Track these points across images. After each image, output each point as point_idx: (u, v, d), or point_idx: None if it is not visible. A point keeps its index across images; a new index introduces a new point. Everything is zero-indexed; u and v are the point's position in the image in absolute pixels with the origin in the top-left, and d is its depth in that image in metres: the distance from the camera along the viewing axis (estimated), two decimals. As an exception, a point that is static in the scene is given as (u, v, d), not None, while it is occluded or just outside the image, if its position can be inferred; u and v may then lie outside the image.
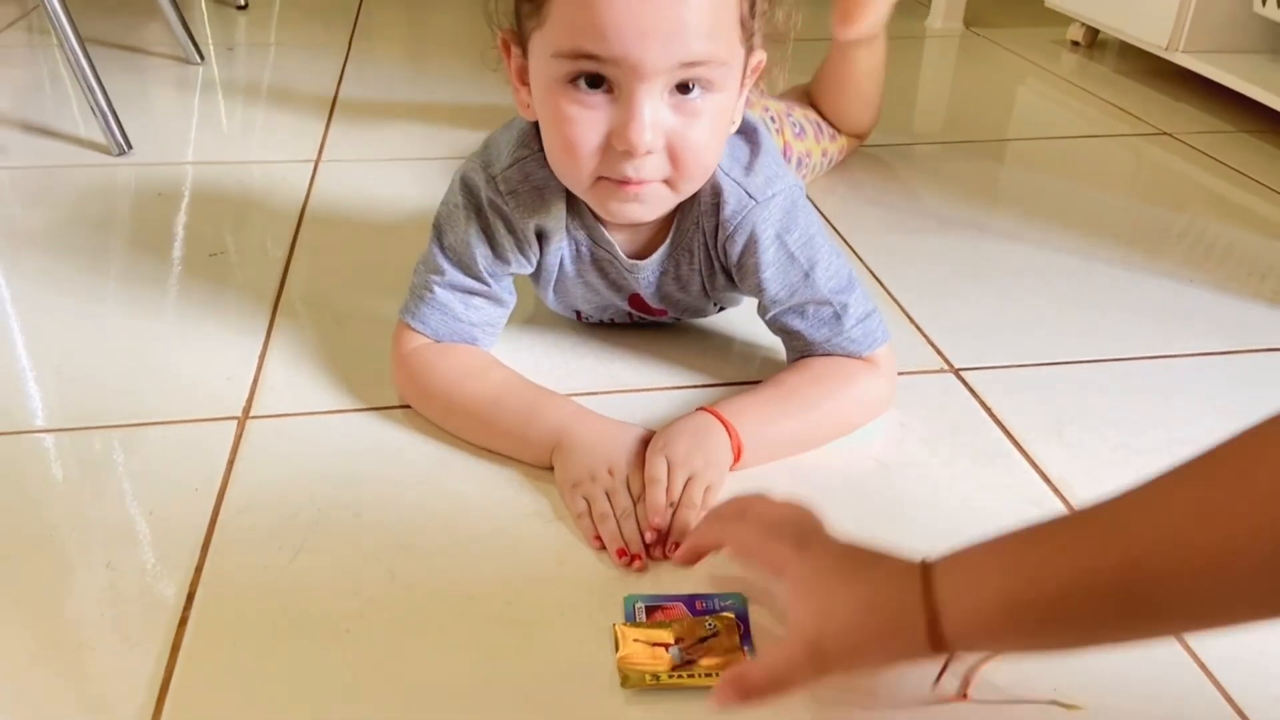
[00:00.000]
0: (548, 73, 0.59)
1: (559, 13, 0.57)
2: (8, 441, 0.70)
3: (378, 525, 0.62)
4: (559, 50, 0.58)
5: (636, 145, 0.58)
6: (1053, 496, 0.66)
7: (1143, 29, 1.43)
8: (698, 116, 0.60)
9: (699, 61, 0.58)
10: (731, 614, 0.56)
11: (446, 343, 0.72)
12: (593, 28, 0.56)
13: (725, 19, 0.58)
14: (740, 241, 0.69)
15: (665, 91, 0.59)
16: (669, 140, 0.60)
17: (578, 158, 0.60)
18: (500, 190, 0.68)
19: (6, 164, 1.13)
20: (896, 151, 1.23)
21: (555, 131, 0.61)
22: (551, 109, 0.60)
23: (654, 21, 0.55)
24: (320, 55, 1.53)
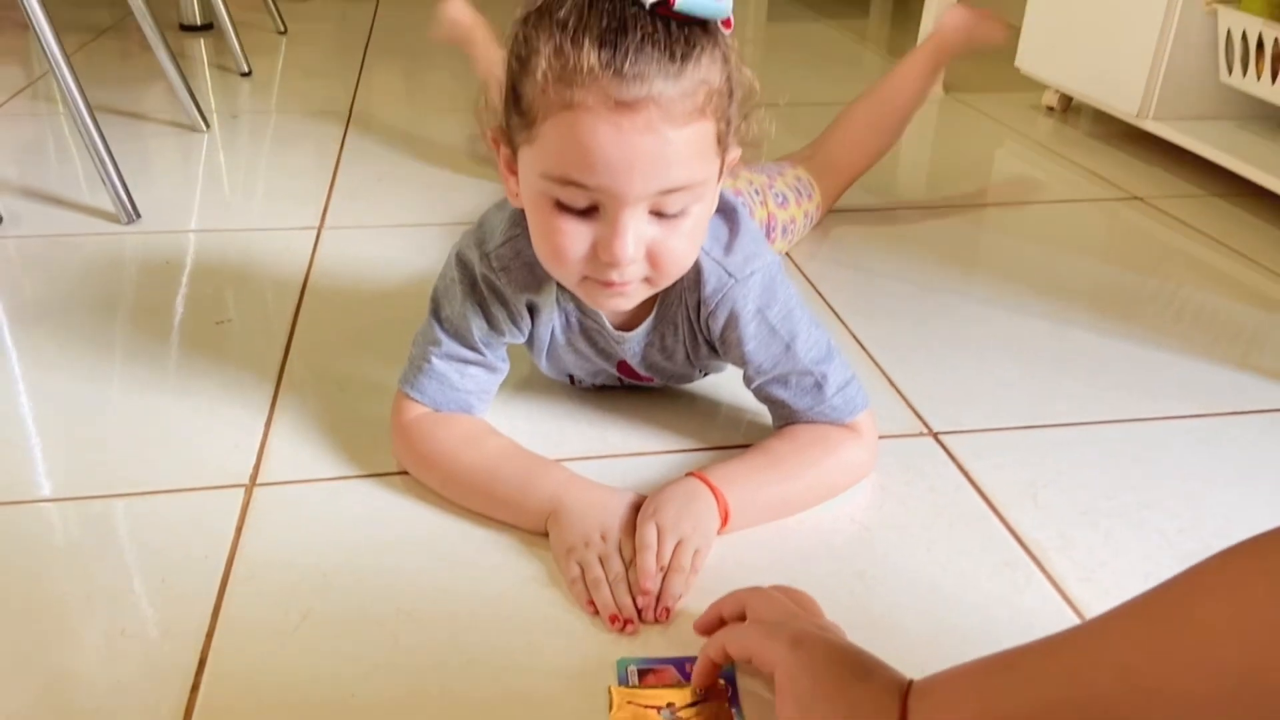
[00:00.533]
0: (537, 186, 0.63)
1: (548, 139, 0.61)
2: (17, 511, 0.72)
3: (381, 591, 0.65)
4: (547, 173, 0.62)
5: (619, 260, 0.62)
6: (1026, 559, 0.69)
7: (1114, 97, 1.49)
8: (677, 228, 0.64)
9: (677, 188, 0.62)
10: (721, 679, 0.58)
11: (444, 411, 0.76)
12: (579, 161, 0.60)
13: (703, 146, 0.62)
14: (722, 317, 0.73)
15: (647, 210, 0.63)
16: (649, 248, 0.64)
17: (565, 264, 0.65)
18: (494, 266, 0.72)
19: (15, 233, 1.17)
20: (879, 215, 1.28)
21: (543, 238, 0.65)
22: (540, 218, 0.64)
23: (636, 157, 0.59)
24: (322, 122, 1.58)
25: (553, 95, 0.59)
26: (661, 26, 0.58)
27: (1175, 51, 1.39)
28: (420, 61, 2.00)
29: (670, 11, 0.58)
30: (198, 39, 2.06)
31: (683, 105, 0.59)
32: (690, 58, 0.59)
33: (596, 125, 0.58)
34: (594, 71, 0.57)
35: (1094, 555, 0.70)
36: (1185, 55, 1.40)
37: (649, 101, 0.58)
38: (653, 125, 0.58)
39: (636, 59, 0.57)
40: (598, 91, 0.58)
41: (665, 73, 0.58)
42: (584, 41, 0.58)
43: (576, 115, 0.58)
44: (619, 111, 0.58)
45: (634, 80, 0.57)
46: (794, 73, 1.96)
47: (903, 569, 0.68)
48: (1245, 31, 1.31)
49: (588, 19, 0.58)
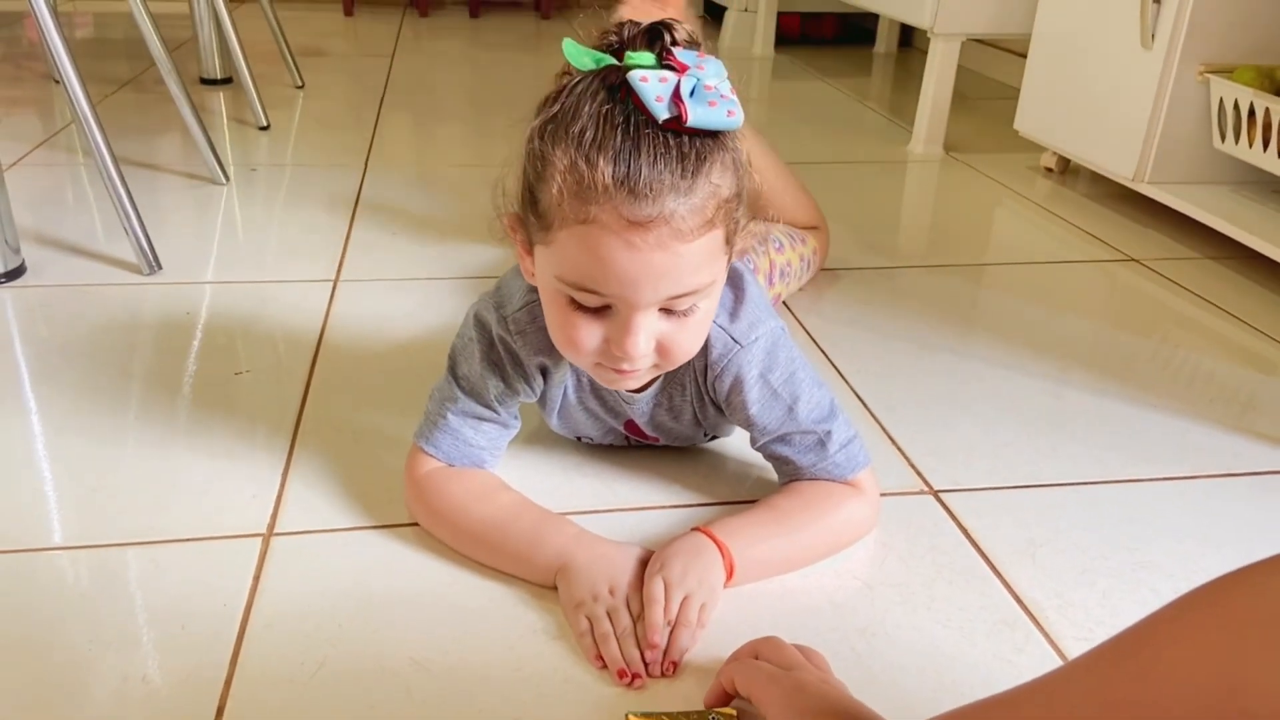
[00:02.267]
0: (552, 284, 0.66)
1: (564, 247, 0.63)
2: (37, 559, 0.74)
3: (394, 641, 0.67)
4: (563, 277, 0.64)
5: (632, 356, 0.65)
6: (1025, 618, 0.71)
7: (1110, 160, 1.53)
8: (686, 323, 0.67)
9: (687, 293, 0.64)
10: (732, 709, 0.61)
11: (456, 466, 0.78)
12: (594, 273, 0.62)
13: (711, 251, 0.65)
14: (727, 381, 0.75)
15: (657, 308, 0.65)
16: (659, 341, 0.67)
17: (579, 354, 0.68)
18: (510, 330, 0.75)
19: (39, 282, 1.20)
20: (881, 274, 1.31)
21: (558, 328, 0.68)
22: (555, 311, 0.67)
23: (649, 271, 0.62)
24: (338, 174, 1.62)
25: (569, 209, 0.61)
26: (674, 141, 0.60)
27: (1170, 118, 1.43)
28: (434, 115, 2.05)
29: (682, 127, 0.60)
30: (217, 92, 2.11)
31: (694, 220, 0.61)
32: (701, 172, 0.61)
33: (611, 242, 0.60)
34: (609, 189, 0.59)
35: (1091, 614, 0.71)
36: (1179, 121, 1.44)
37: (661, 220, 0.60)
38: (664, 242, 0.61)
39: (650, 177, 0.59)
40: (612, 210, 0.60)
41: (677, 189, 0.60)
42: (598, 159, 0.59)
43: (591, 231, 0.61)
44: (633, 230, 0.60)
45: (647, 199, 0.59)
46: (797, 131, 2.01)
47: (904, 626, 0.70)
48: (1237, 100, 1.35)
49: (602, 134, 0.60)
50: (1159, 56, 1.41)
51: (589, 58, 0.64)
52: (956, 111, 1.89)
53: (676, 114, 0.60)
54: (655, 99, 0.60)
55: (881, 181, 1.74)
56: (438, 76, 2.42)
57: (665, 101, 0.60)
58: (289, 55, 2.20)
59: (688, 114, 0.60)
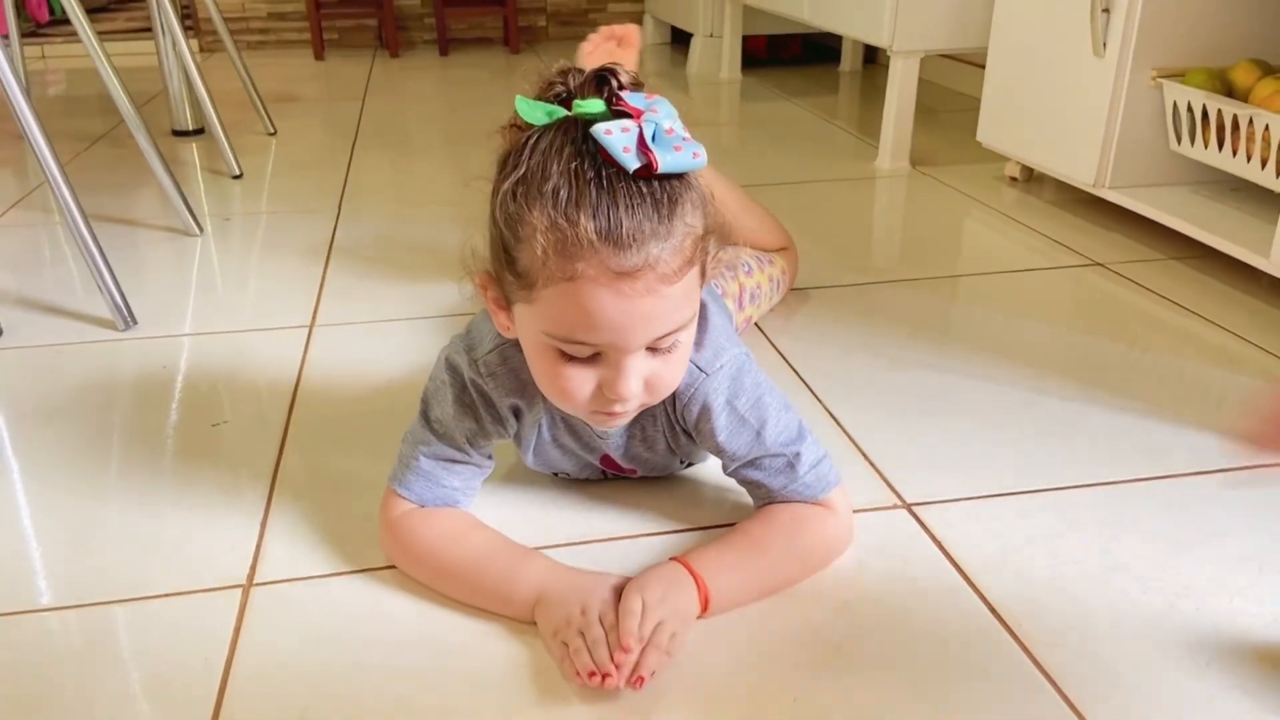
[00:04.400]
0: (539, 339, 0.67)
1: (550, 304, 0.64)
2: (18, 621, 0.75)
3: (376, 684, 0.67)
4: (551, 333, 0.66)
5: (625, 397, 0.67)
6: (999, 627, 0.72)
7: (1071, 167, 1.55)
8: (670, 360, 0.69)
9: (672, 331, 0.67)
10: None
11: (430, 507, 0.79)
12: (584, 325, 0.64)
13: (691, 288, 0.67)
14: (695, 410, 0.77)
15: (644, 349, 0.67)
16: (648, 380, 0.69)
17: (571, 400, 0.69)
18: (481, 372, 0.76)
19: (15, 344, 1.20)
20: (851, 290, 1.32)
21: (549, 381, 0.69)
22: (544, 365, 0.68)
23: (638, 317, 0.64)
24: (312, 220, 1.63)
25: (554, 268, 0.62)
26: (647, 189, 0.62)
27: (1126, 123, 1.46)
28: (407, 154, 2.07)
29: (652, 174, 0.62)
30: (190, 143, 2.12)
31: (675, 261, 0.63)
32: (675, 214, 0.63)
33: (600, 295, 0.62)
34: (593, 244, 0.61)
35: (1064, 620, 0.72)
36: (1135, 126, 1.46)
37: (647, 268, 0.62)
38: (652, 287, 0.63)
39: (631, 227, 0.61)
40: (598, 264, 0.61)
41: (657, 235, 0.62)
42: (579, 217, 0.61)
43: (579, 286, 0.62)
44: (620, 280, 0.62)
45: (631, 249, 0.61)
46: (767, 152, 2.03)
47: (880, 641, 0.71)
48: (1190, 103, 1.38)
49: (577, 192, 0.61)
50: (1111, 64, 1.44)
51: (541, 111, 0.65)
52: (921, 125, 1.92)
53: (646, 163, 0.61)
54: (623, 150, 0.61)
55: (850, 198, 1.76)
56: (410, 115, 2.44)
57: (633, 152, 0.61)
58: (259, 102, 2.22)
59: (657, 162, 0.61)
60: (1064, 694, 0.66)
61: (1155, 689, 0.66)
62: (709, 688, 0.67)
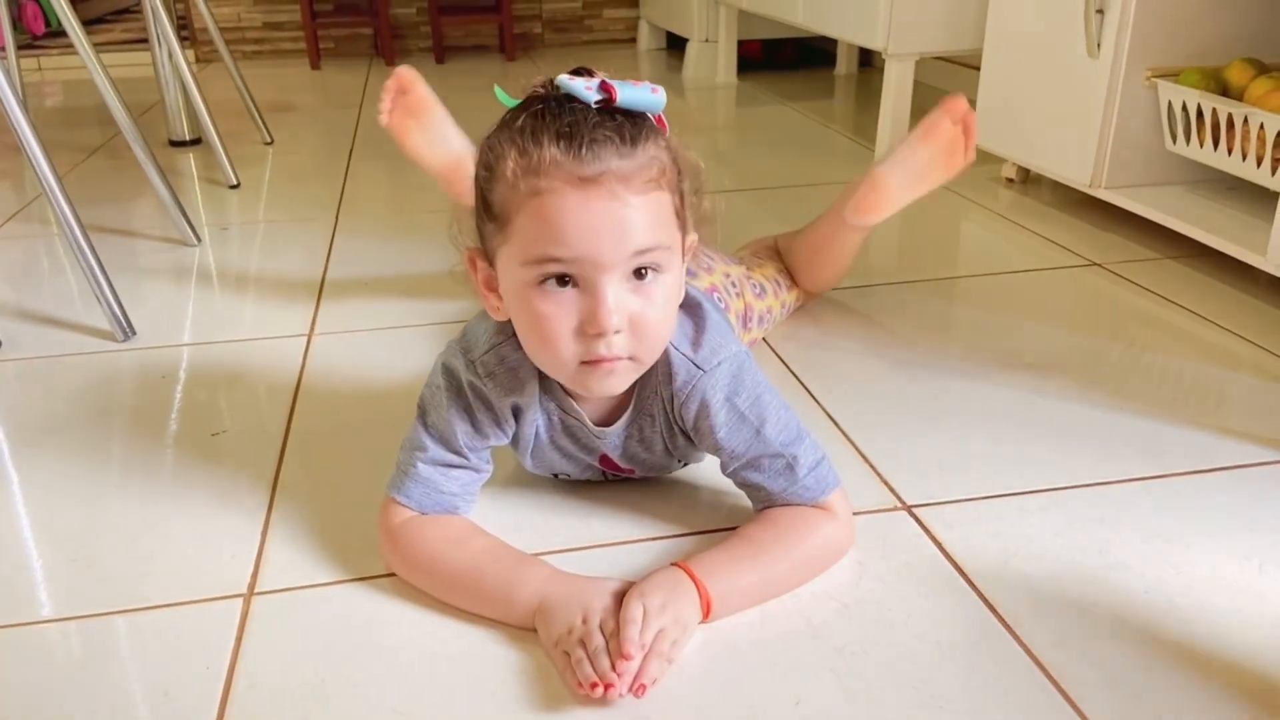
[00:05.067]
0: (519, 278, 0.69)
1: (523, 228, 0.67)
2: (19, 633, 0.75)
3: (377, 692, 0.67)
4: (527, 259, 0.68)
5: (605, 326, 0.68)
6: (1001, 628, 0.72)
7: (1067, 168, 1.56)
8: (652, 296, 0.70)
9: (647, 249, 0.68)
10: None
11: (429, 514, 0.79)
12: (554, 236, 0.66)
13: (663, 213, 0.70)
14: (693, 408, 0.77)
15: (624, 279, 0.68)
16: (631, 320, 0.69)
17: (556, 346, 0.69)
18: (479, 373, 0.76)
19: (14, 356, 1.20)
20: (851, 293, 1.32)
21: (532, 327, 0.70)
22: (525, 309, 0.70)
23: (604, 222, 0.66)
24: (310, 228, 1.64)
25: (523, 188, 0.66)
26: (609, 119, 0.67)
27: (1121, 123, 1.46)
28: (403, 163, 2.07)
29: (612, 106, 0.67)
30: (187, 154, 2.13)
31: (639, 176, 0.67)
32: (639, 141, 0.68)
33: (564, 202, 0.65)
34: (556, 159, 0.65)
35: (1065, 620, 0.72)
36: (1131, 126, 1.47)
37: (608, 175, 0.66)
38: (615, 193, 0.66)
39: (592, 144, 0.65)
40: (561, 175, 0.65)
41: (619, 153, 0.66)
42: (543, 138, 0.66)
43: (545, 199, 0.66)
44: (582, 186, 0.65)
45: (592, 160, 0.65)
46: (764, 155, 2.03)
47: (881, 644, 0.71)
48: (1185, 103, 1.38)
49: (544, 122, 0.66)
50: (1106, 64, 1.44)
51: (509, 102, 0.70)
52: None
53: (606, 96, 0.66)
54: (585, 88, 0.67)
55: (847, 202, 1.76)
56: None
57: (594, 89, 0.67)
58: (256, 112, 2.22)
59: (616, 92, 0.66)
60: (1066, 694, 0.66)
61: (1156, 689, 0.66)
62: (711, 691, 0.67)
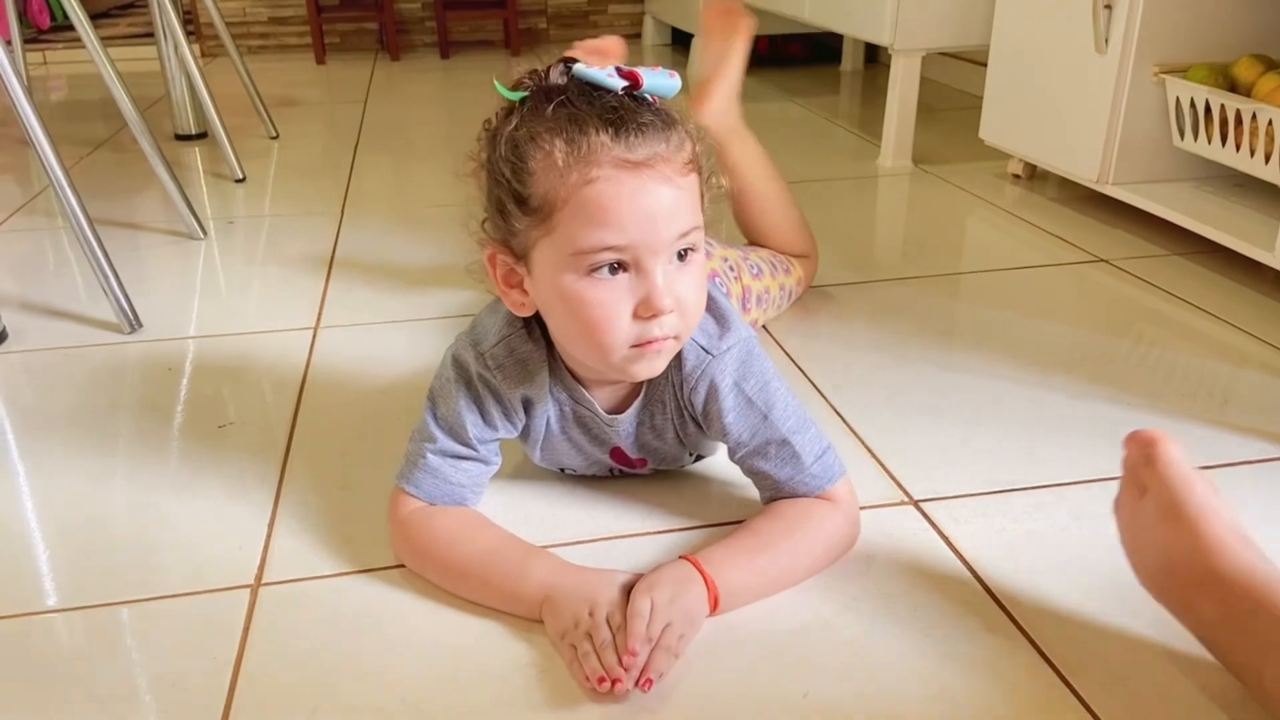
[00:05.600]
0: (566, 269, 0.68)
1: (572, 219, 0.67)
2: (27, 623, 0.75)
3: (385, 684, 0.67)
4: (580, 248, 0.67)
5: (663, 307, 0.68)
6: (1008, 623, 0.72)
7: (1074, 164, 1.55)
8: (691, 275, 0.71)
9: (690, 230, 0.69)
10: None
11: (439, 505, 0.79)
12: (611, 223, 0.66)
13: (696, 195, 0.71)
14: (702, 392, 0.77)
15: (669, 261, 0.69)
16: (676, 298, 0.70)
17: (610, 332, 0.69)
18: (489, 365, 0.76)
19: (20, 347, 1.21)
20: (856, 289, 1.32)
21: (583, 317, 0.69)
22: (575, 300, 0.69)
23: (659, 205, 0.67)
24: (315, 222, 1.64)
25: (571, 179, 0.66)
26: (642, 106, 0.68)
27: (1129, 119, 1.46)
28: (409, 158, 2.07)
29: (638, 92, 0.68)
30: (193, 148, 2.13)
31: (679, 158, 0.68)
32: (673, 124, 0.69)
33: (621, 189, 0.66)
34: (605, 145, 0.66)
35: (1074, 616, 0.72)
36: (1138, 122, 1.46)
37: (657, 158, 0.67)
38: (666, 175, 0.67)
39: (637, 125, 0.66)
40: (612, 161, 0.66)
41: (661, 136, 0.67)
42: (589, 126, 0.66)
43: (599, 186, 0.66)
44: (635, 171, 0.66)
45: (641, 145, 0.66)
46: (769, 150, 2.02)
47: (890, 637, 0.71)
48: (1193, 99, 1.38)
49: (578, 109, 0.67)
50: (1114, 60, 1.44)
51: (515, 96, 0.70)
52: (923, 124, 1.92)
53: (630, 82, 0.67)
54: (607, 75, 0.67)
55: (853, 197, 1.76)
56: (412, 118, 2.45)
57: (615, 76, 0.67)
58: (262, 106, 2.22)
59: (641, 78, 0.68)
60: (1074, 689, 0.66)
61: (1166, 684, 0.66)
62: (720, 684, 0.67)
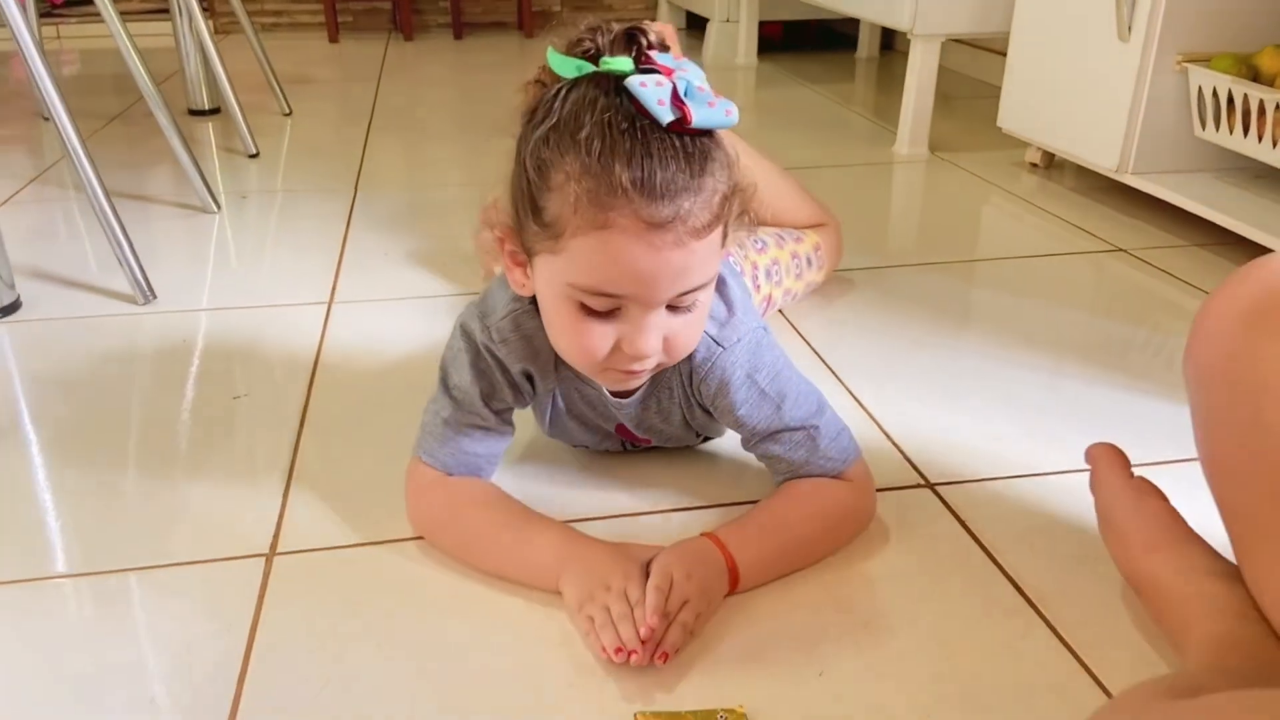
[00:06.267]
0: (561, 291, 0.66)
1: (579, 253, 0.64)
2: (40, 588, 0.75)
3: (399, 655, 0.67)
4: (577, 284, 0.65)
5: (645, 355, 0.67)
6: (1026, 606, 0.72)
7: (1093, 153, 1.54)
8: (689, 318, 0.69)
9: (697, 288, 0.67)
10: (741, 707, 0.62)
11: (456, 476, 0.78)
12: (614, 276, 0.64)
13: (715, 247, 0.67)
14: (713, 384, 0.76)
15: (665, 308, 0.67)
16: (666, 339, 0.68)
17: (591, 355, 0.68)
18: (494, 338, 0.75)
19: (35, 316, 1.20)
20: (872, 274, 1.32)
21: (568, 337, 0.69)
22: (564, 320, 0.68)
23: (666, 270, 0.64)
24: (328, 199, 1.63)
25: (585, 216, 0.62)
26: (679, 142, 0.62)
27: (1150, 108, 1.45)
28: (422, 137, 2.06)
29: (686, 129, 0.62)
30: (206, 123, 2.12)
31: (704, 216, 0.63)
32: (706, 170, 0.63)
33: (631, 246, 0.62)
34: (626, 194, 0.61)
35: (1091, 599, 0.72)
36: (1160, 111, 1.45)
37: (679, 220, 0.62)
38: (681, 241, 0.63)
39: (664, 179, 0.61)
40: (630, 214, 0.61)
41: (689, 188, 0.62)
42: (613, 165, 0.61)
43: (610, 236, 0.62)
44: (652, 231, 0.62)
45: (664, 200, 0.61)
46: (783, 137, 2.02)
47: (905, 619, 0.70)
48: (1215, 88, 1.36)
49: (612, 140, 0.61)
50: (1136, 48, 1.42)
51: (571, 66, 0.65)
52: (940, 112, 1.90)
53: (680, 116, 0.62)
54: (657, 102, 0.61)
55: (869, 184, 1.75)
56: (424, 98, 2.44)
57: (667, 105, 0.61)
58: (275, 83, 2.21)
59: (692, 115, 0.62)
60: (1091, 672, 0.65)
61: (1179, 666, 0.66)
62: (735, 661, 0.67)
